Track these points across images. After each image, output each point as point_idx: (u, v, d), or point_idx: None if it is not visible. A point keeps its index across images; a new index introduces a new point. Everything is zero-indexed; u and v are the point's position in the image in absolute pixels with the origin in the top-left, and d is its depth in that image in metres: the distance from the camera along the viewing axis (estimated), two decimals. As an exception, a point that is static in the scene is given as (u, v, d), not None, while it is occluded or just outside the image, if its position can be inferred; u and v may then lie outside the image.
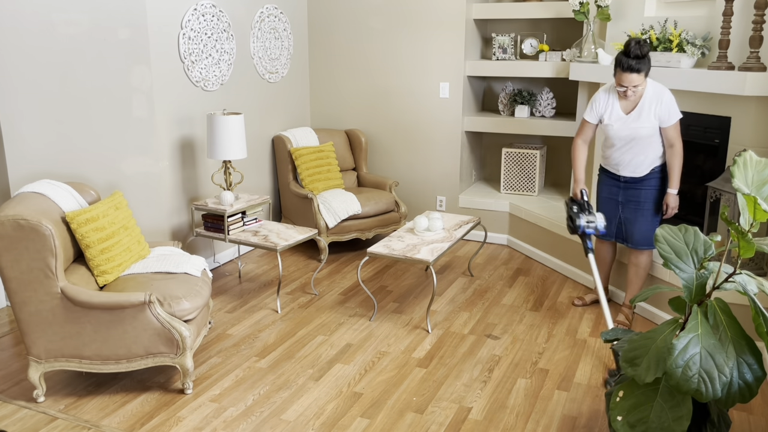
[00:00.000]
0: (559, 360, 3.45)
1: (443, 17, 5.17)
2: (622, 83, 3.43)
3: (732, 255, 3.33)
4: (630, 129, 3.54)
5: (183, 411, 2.97)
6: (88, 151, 4.01)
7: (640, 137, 3.54)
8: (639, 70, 3.38)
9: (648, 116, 3.50)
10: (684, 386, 2.08)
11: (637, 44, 3.34)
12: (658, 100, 3.47)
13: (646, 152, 3.58)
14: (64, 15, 3.77)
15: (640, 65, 3.37)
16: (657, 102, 3.48)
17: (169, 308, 2.99)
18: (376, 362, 3.42)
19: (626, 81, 3.40)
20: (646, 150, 3.57)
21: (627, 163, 3.64)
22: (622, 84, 3.43)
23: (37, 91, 3.76)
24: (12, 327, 3.78)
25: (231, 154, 4.24)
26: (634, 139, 3.56)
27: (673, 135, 3.52)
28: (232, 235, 4.19)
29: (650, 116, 3.49)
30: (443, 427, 2.86)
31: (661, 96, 3.48)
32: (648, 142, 3.55)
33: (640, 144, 3.56)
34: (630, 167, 3.64)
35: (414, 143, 5.51)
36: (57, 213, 3.12)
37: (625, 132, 3.56)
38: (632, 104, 3.53)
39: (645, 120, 3.51)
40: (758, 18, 3.44)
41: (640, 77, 3.40)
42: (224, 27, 4.62)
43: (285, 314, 3.99)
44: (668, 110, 3.47)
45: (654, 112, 3.49)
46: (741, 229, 2.12)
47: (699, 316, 2.19)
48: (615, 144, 3.65)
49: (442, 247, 3.91)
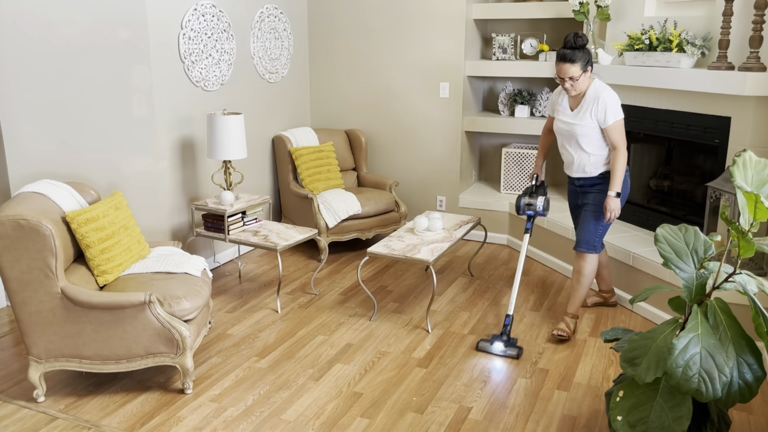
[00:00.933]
0: (559, 360, 3.45)
1: (443, 17, 5.17)
2: (558, 74, 3.42)
3: (732, 255, 3.33)
4: (569, 126, 3.53)
5: (183, 411, 2.97)
6: (88, 151, 4.01)
7: (576, 135, 3.50)
8: (572, 60, 3.34)
9: (585, 115, 3.46)
10: (684, 386, 2.08)
11: (574, 35, 3.35)
12: (595, 100, 3.42)
13: (587, 152, 3.53)
14: (64, 15, 3.77)
15: (574, 56, 3.34)
16: (594, 102, 3.43)
17: (169, 308, 2.99)
18: (376, 362, 3.42)
19: (561, 71, 3.39)
20: (585, 149, 3.52)
21: (570, 162, 3.63)
22: (559, 75, 3.41)
23: (38, 92, 3.76)
24: (12, 327, 3.78)
25: (231, 154, 4.24)
26: (572, 137, 3.53)
27: (613, 137, 3.44)
28: (232, 235, 4.19)
29: (587, 115, 3.45)
30: (443, 427, 2.86)
31: (599, 96, 3.42)
32: (587, 141, 3.49)
33: (579, 143, 3.52)
34: (575, 168, 3.61)
35: (414, 143, 5.51)
36: (57, 213, 3.12)
37: (565, 128, 3.56)
38: (577, 101, 3.51)
39: (582, 119, 3.47)
40: (758, 18, 3.44)
41: (574, 68, 3.35)
42: (224, 27, 4.62)
43: (285, 314, 3.99)
44: (605, 111, 3.40)
45: (591, 112, 3.44)
46: (741, 228, 2.12)
47: (699, 316, 2.19)
48: (559, 141, 3.67)
49: (442, 247, 3.91)
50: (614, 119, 3.41)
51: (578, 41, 3.35)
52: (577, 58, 3.35)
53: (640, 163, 4.62)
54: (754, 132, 3.60)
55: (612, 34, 4.55)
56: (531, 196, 3.82)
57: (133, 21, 3.95)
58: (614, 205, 3.47)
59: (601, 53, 4.48)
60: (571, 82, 3.40)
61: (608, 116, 3.41)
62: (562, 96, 3.61)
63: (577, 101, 3.52)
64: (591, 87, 3.47)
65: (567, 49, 3.36)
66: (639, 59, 4.16)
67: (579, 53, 3.35)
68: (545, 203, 3.81)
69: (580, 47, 3.36)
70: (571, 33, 3.38)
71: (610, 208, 3.48)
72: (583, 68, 3.39)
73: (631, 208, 4.55)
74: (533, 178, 3.87)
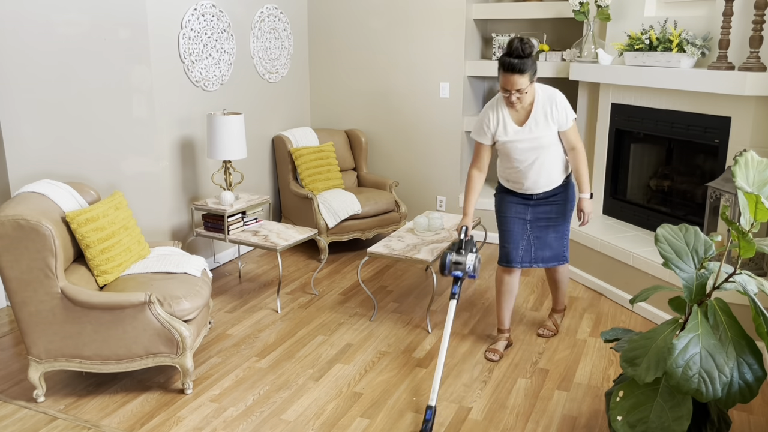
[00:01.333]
0: (559, 360, 3.44)
1: (443, 17, 5.17)
2: (505, 86, 3.05)
3: (732, 255, 3.33)
4: (529, 142, 3.17)
5: (183, 411, 2.97)
6: (88, 151, 4.01)
7: (541, 148, 3.18)
8: (522, 71, 2.99)
9: (546, 123, 3.15)
10: (684, 386, 2.08)
11: (520, 42, 2.98)
12: (552, 103, 3.14)
13: (552, 164, 3.24)
14: (64, 15, 3.77)
15: (524, 66, 2.98)
16: (551, 106, 3.14)
17: (169, 308, 2.99)
18: (376, 362, 3.42)
19: (509, 84, 3.02)
20: (551, 162, 3.23)
21: (534, 181, 3.26)
22: (506, 87, 3.05)
23: (37, 92, 3.76)
24: (12, 327, 3.78)
25: (231, 154, 4.24)
26: (537, 152, 3.19)
27: (573, 137, 3.21)
28: (232, 235, 4.19)
29: (548, 123, 3.15)
30: (443, 427, 2.86)
31: (554, 98, 3.15)
32: (551, 152, 3.21)
33: (544, 156, 3.20)
34: (542, 184, 3.28)
35: (414, 143, 5.51)
36: (57, 213, 3.11)
37: (525, 145, 3.18)
38: (525, 114, 3.17)
39: (543, 128, 3.15)
40: (758, 18, 3.44)
41: (523, 79, 3.01)
42: (224, 27, 4.62)
43: (285, 314, 3.99)
44: (564, 112, 3.15)
45: (551, 117, 3.15)
46: (741, 229, 2.12)
47: (699, 316, 2.19)
48: (516, 162, 3.24)
49: (442, 247, 3.91)
50: (573, 118, 3.19)
51: (526, 49, 2.98)
52: (526, 68, 3.00)
53: (640, 163, 4.62)
54: (755, 132, 3.60)
55: (612, 34, 4.55)
56: (459, 252, 3.23)
57: (133, 21, 3.95)
58: (590, 207, 3.33)
59: (601, 53, 4.48)
60: (518, 94, 3.06)
61: (569, 116, 3.18)
62: (502, 114, 3.21)
63: (526, 113, 3.18)
64: (538, 92, 3.17)
65: (514, 59, 2.98)
66: (639, 59, 4.16)
67: (528, 62, 3.00)
68: (476, 262, 3.24)
69: (528, 55, 3.00)
70: (516, 39, 2.99)
71: (588, 211, 3.32)
72: (531, 79, 3.05)
73: (632, 208, 4.55)
74: (461, 231, 3.32)
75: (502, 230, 3.41)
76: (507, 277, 3.44)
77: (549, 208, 3.35)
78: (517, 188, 3.34)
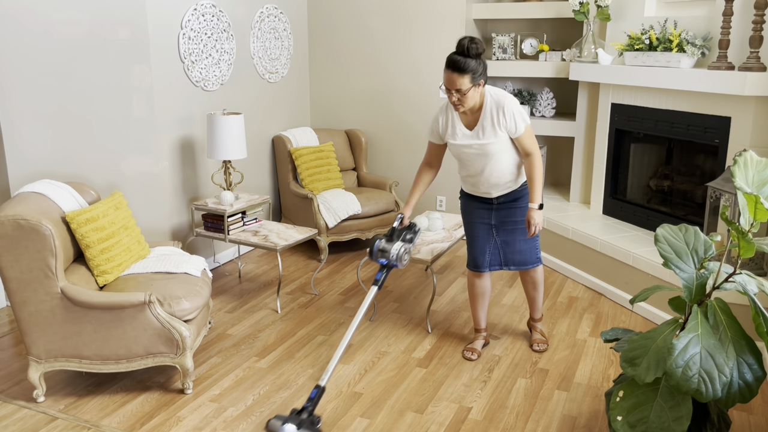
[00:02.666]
0: (559, 360, 3.44)
1: (443, 17, 5.17)
2: (446, 84, 2.95)
3: (732, 255, 3.33)
4: (477, 148, 3.08)
5: (183, 411, 2.97)
6: (88, 151, 4.01)
7: (489, 154, 3.08)
8: (462, 70, 2.87)
9: (493, 131, 3.03)
10: (684, 386, 2.08)
11: (470, 41, 2.85)
12: (499, 109, 3.00)
13: (504, 169, 3.13)
14: (63, 15, 3.76)
15: (465, 65, 2.86)
16: (498, 113, 3.00)
17: (169, 308, 2.99)
18: (376, 362, 3.42)
19: (449, 81, 2.92)
20: (503, 167, 3.12)
21: (490, 185, 3.19)
22: (447, 86, 2.95)
23: (37, 91, 3.76)
24: (12, 327, 3.78)
25: (231, 154, 4.24)
26: (486, 159, 3.10)
27: (527, 144, 3.06)
28: (232, 235, 4.19)
29: (495, 130, 3.02)
30: (443, 427, 2.86)
31: (502, 105, 3.00)
32: (501, 158, 3.09)
33: (495, 162, 3.10)
34: (499, 188, 3.20)
35: (414, 143, 5.51)
36: (57, 213, 3.11)
37: (473, 151, 3.10)
38: (474, 119, 3.07)
39: (490, 135, 3.04)
40: (758, 18, 3.44)
41: (463, 80, 2.88)
42: (224, 27, 4.62)
43: (285, 314, 3.99)
44: (513, 119, 3.00)
45: (498, 124, 3.02)
46: (741, 229, 2.12)
47: (699, 316, 2.19)
48: (469, 167, 3.19)
49: (442, 247, 3.91)
50: (525, 125, 3.03)
51: (472, 48, 2.85)
52: (467, 68, 2.86)
53: (640, 163, 4.62)
54: (754, 132, 3.60)
55: (612, 34, 4.56)
56: (389, 240, 3.18)
57: (133, 21, 3.95)
58: (539, 219, 3.11)
59: (601, 53, 4.48)
60: (458, 95, 2.94)
61: (518, 124, 3.02)
62: (452, 117, 3.13)
63: (475, 118, 3.05)
64: (487, 97, 3.02)
65: (458, 56, 2.87)
66: (639, 59, 4.16)
67: (472, 63, 2.87)
68: (402, 252, 3.14)
69: (474, 56, 2.87)
70: (467, 38, 2.85)
71: (535, 222, 3.10)
72: (473, 81, 2.90)
73: (631, 208, 4.55)
74: (396, 219, 3.30)
75: (468, 235, 3.39)
76: (477, 280, 3.43)
77: (514, 212, 3.25)
78: (476, 192, 3.28)
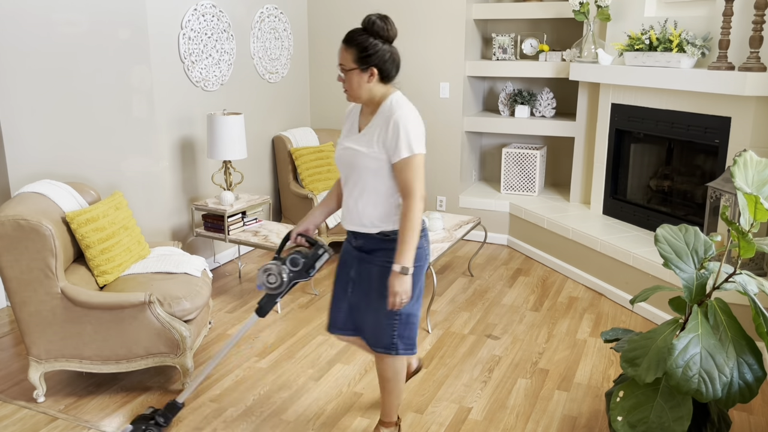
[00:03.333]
0: (559, 360, 3.44)
1: (443, 17, 5.17)
2: None
3: (732, 255, 3.33)
4: (348, 152, 2.41)
5: (183, 411, 2.96)
6: (88, 151, 4.01)
7: (355, 167, 2.38)
8: (348, 41, 2.31)
9: (371, 140, 2.35)
10: (684, 386, 2.08)
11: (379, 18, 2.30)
12: (387, 120, 2.32)
13: (372, 198, 2.38)
14: (63, 15, 3.76)
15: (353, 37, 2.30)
16: (385, 123, 2.32)
17: (169, 308, 2.99)
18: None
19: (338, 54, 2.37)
20: (368, 192, 2.38)
21: (348, 208, 2.47)
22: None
23: (37, 91, 3.76)
24: (12, 327, 3.78)
25: (231, 154, 4.24)
26: (351, 170, 2.41)
27: (405, 177, 2.30)
28: (232, 236, 4.19)
29: (372, 140, 2.35)
30: (443, 427, 2.86)
31: (392, 116, 2.31)
32: (369, 180, 2.37)
33: (360, 179, 2.39)
34: (352, 216, 2.45)
35: (414, 143, 5.50)
36: (57, 213, 3.11)
37: (344, 156, 2.43)
38: (368, 122, 2.42)
39: (365, 144, 2.36)
40: (758, 18, 3.44)
41: (346, 54, 2.31)
42: (224, 27, 4.62)
43: (285, 314, 3.99)
44: (396, 137, 2.28)
45: (378, 136, 2.34)
46: (741, 229, 2.12)
47: (699, 316, 2.19)
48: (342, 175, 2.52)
49: (442, 247, 3.91)
50: (409, 152, 2.29)
51: (377, 26, 2.29)
52: (354, 41, 2.30)
53: (640, 163, 4.62)
54: (755, 132, 3.61)
55: (612, 34, 4.56)
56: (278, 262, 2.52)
57: (133, 21, 3.95)
58: (402, 287, 2.28)
59: (601, 53, 4.48)
60: (342, 74, 2.36)
61: (400, 145, 2.28)
62: (355, 110, 2.53)
63: (368, 121, 2.42)
64: (387, 102, 2.38)
65: (357, 29, 2.34)
66: (639, 59, 4.16)
67: (363, 38, 2.29)
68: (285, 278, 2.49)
69: (373, 34, 2.29)
70: (377, 14, 2.32)
71: (395, 291, 2.28)
72: (358, 61, 2.30)
73: (632, 208, 4.55)
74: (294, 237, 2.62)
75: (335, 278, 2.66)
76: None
77: (371, 268, 2.45)
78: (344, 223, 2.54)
